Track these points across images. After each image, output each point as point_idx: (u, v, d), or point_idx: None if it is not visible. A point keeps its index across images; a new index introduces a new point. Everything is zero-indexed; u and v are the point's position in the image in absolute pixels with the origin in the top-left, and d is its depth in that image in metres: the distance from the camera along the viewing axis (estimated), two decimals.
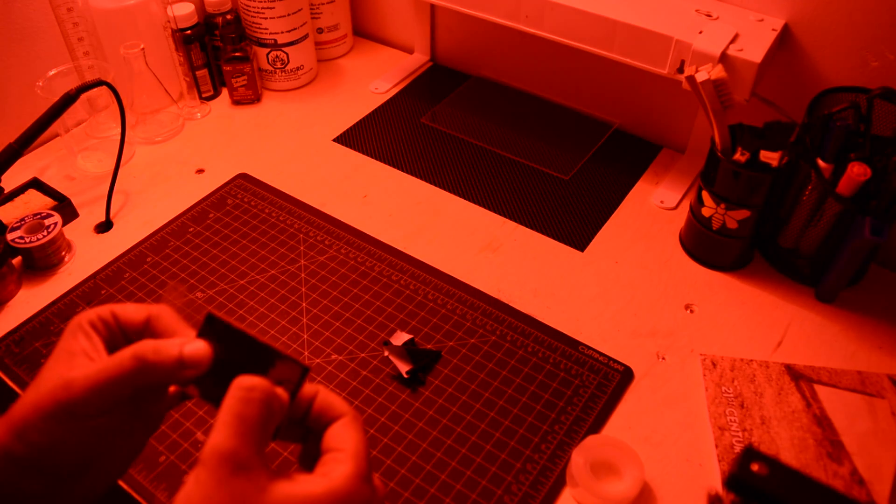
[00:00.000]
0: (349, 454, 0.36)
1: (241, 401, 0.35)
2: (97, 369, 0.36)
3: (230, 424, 0.34)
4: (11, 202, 0.83)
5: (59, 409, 0.36)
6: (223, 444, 0.33)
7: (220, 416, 0.35)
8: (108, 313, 0.40)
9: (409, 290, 0.74)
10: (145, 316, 0.41)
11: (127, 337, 0.41)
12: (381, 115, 0.98)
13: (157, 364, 0.37)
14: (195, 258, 0.78)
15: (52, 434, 0.36)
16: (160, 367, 0.37)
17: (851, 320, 0.71)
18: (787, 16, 0.74)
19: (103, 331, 0.39)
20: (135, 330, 0.41)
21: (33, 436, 0.36)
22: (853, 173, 0.65)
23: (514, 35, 0.92)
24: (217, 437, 0.34)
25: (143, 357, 0.37)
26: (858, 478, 0.58)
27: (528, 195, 0.85)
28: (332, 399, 0.39)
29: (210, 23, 0.97)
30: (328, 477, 0.35)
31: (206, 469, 0.33)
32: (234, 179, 0.88)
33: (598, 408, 0.64)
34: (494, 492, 0.58)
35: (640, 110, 0.93)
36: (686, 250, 0.78)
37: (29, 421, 0.36)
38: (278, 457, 0.61)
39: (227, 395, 0.35)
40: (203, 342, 0.38)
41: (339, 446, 0.37)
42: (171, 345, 0.38)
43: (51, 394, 0.36)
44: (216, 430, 0.34)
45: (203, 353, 0.38)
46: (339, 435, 0.37)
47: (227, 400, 0.35)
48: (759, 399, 0.63)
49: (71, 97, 0.77)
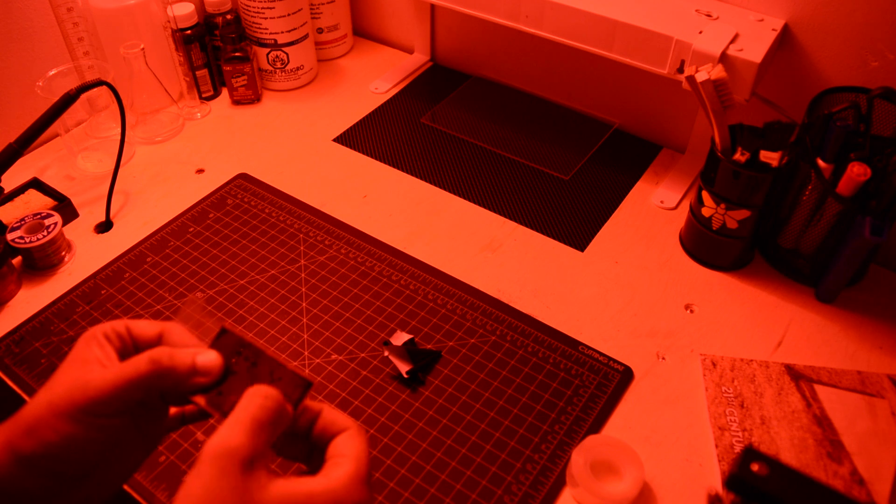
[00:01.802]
0: (351, 458, 0.37)
1: (259, 406, 0.36)
2: (114, 371, 0.38)
3: (243, 423, 0.35)
4: (11, 202, 0.83)
5: (74, 408, 0.37)
6: (232, 441, 0.35)
7: (233, 416, 0.36)
8: (123, 326, 0.41)
9: (409, 290, 0.74)
10: (158, 331, 0.42)
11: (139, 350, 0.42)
12: (381, 115, 0.98)
13: (171, 369, 0.38)
14: (195, 258, 0.78)
15: (64, 433, 0.37)
16: (174, 373, 0.39)
17: (851, 320, 0.71)
18: (787, 16, 0.74)
19: (116, 342, 0.41)
20: (147, 344, 0.42)
21: (45, 434, 0.37)
22: (853, 173, 0.65)
23: (514, 35, 0.92)
24: (226, 435, 0.35)
25: (159, 361, 0.38)
26: (858, 478, 0.58)
27: (528, 195, 0.85)
28: (337, 415, 0.40)
29: (210, 23, 0.97)
30: (328, 476, 0.36)
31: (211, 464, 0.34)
32: (234, 179, 0.88)
33: (598, 408, 0.64)
34: (494, 492, 0.58)
35: (640, 110, 0.93)
36: (686, 250, 0.78)
37: (42, 419, 0.37)
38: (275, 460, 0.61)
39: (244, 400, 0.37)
40: (215, 352, 0.40)
41: (342, 452, 0.38)
42: (185, 353, 0.39)
43: (67, 393, 0.37)
44: (226, 429, 0.35)
45: (215, 363, 0.40)
46: (343, 443, 0.39)
47: (243, 403, 0.37)
48: (759, 399, 0.64)
49: (71, 97, 0.77)
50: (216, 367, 0.40)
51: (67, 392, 0.37)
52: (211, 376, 0.39)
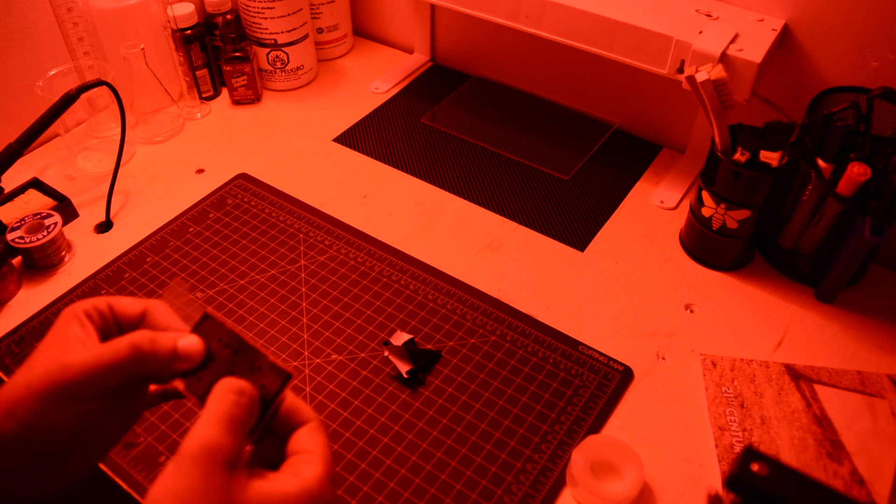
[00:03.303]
0: (318, 457, 0.38)
1: (232, 403, 0.36)
2: (94, 354, 0.37)
3: (220, 422, 0.35)
4: (11, 202, 0.83)
5: (53, 390, 0.37)
6: (215, 441, 0.35)
7: (207, 413, 0.36)
8: (105, 304, 0.41)
9: (409, 290, 0.74)
10: (141, 309, 0.42)
11: (121, 329, 0.42)
12: (381, 115, 0.98)
13: (152, 354, 0.38)
14: (195, 258, 0.78)
15: (42, 414, 0.37)
16: (155, 358, 0.38)
17: (851, 320, 0.71)
18: (787, 16, 0.74)
19: (98, 320, 0.40)
20: (130, 323, 0.42)
21: (24, 415, 0.37)
22: (853, 173, 0.65)
23: (514, 35, 0.92)
24: (207, 433, 0.35)
25: (139, 346, 0.38)
26: (858, 478, 0.58)
27: (528, 195, 0.85)
28: (300, 404, 0.40)
29: (210, 23, 0.97)
30: (300, 477, 0.37)
31: (195, 464, 0.34)
32: (234, 179, 0.88)
33: (598, 408, 0.64)
34: (494, 492, 0.58)
35: (640, 110, 0.93)
36: (686, 250, 0.78)
37: (20, 400, 0.37)
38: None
39: (216, 395, 0.37)
40: (197, 338, 0.40)
41: (308, 449, 0.38)
42: (166, 337, 0.39)
43: (46, 375, 0.37)
44: (205, 426, 0.35)
45: (196, 348, 0.39)
46: (308, 438, 0.39)
47: (215, 399, 0.36)
48: (759, 399, 0.64)
49: (71, 97, 0.77)
50: (198, 352, 0.39)
51: (46, 373, 0.37)
52: (192, 362, 0.39)
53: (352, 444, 0.62)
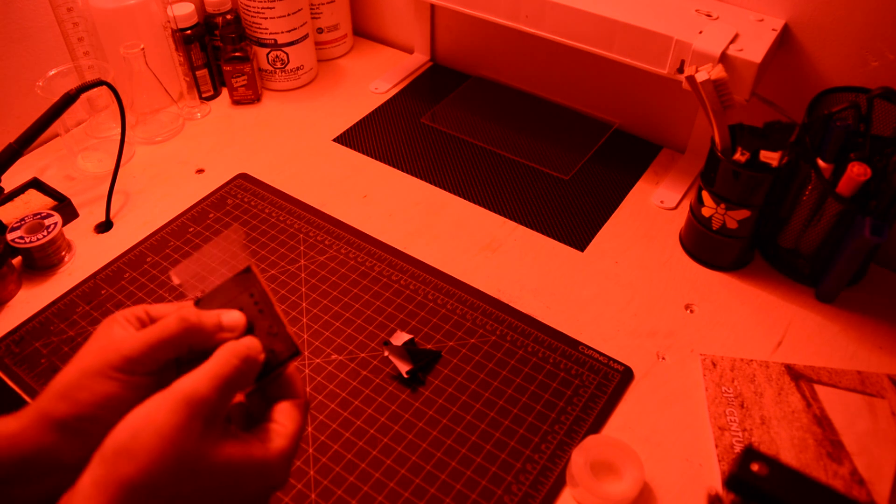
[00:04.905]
0: (289, 433, 0.40)
1: (233, 367, 0.38)
2: (146, 332, 0.40)
3: (214, 380, 0.37)
4: (11, 202, 0.83)
5: (108, 367, 0.39)
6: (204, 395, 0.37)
7: (207, 367, 0.38)
8: (142, 311, 0.43)
9: (409, 290, 0.74)
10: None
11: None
12: (381, 115, 0.98)
13: (199, 325, 0.41)
14: (195, 258, 0.78)
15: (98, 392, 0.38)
16: (202, 330, 0.41)
17: (851, 320, 0.71)
18: (787, 16, 0.74)
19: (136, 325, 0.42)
20: None
21: (80, 395, 0.38)
22: (853, 173, 0.65)
23: (514, 35, 0.92)
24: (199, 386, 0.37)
25: (188, 319, 0.40)
26: (858, 478, 0.58)
27: (528, 195, 0.85)
28: (296, 379, 0.43)
29: (210, 23, 0.97)
30: (265, 446, 0.39)
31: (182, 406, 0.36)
32: (234, 179, 0.88)
33: (598, 408, 0.64)
34: (494, 492, 0.58)
35: (640, 110, 0.93)
36: (686, 250, 0.78)
37: (76, 382, 0.39)
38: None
39: (222, 354, 0.39)
40: (239, 312, 0.42)
41: (283, 421, 0.40)
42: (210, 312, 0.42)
43: (100, 355, 0.39)
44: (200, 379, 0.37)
45: (240, 321, 0.42)
46: (288, 412, 0.41)
47: (219, 359, 0.39)
48: (759, 399, 0.63)
49: (71, 97, 0.77)
50: (241, 325, 0.42)
51: (100, 354, 0.39)
52: (236, 332, 0.41)
53: (352, 444, 0.62)
